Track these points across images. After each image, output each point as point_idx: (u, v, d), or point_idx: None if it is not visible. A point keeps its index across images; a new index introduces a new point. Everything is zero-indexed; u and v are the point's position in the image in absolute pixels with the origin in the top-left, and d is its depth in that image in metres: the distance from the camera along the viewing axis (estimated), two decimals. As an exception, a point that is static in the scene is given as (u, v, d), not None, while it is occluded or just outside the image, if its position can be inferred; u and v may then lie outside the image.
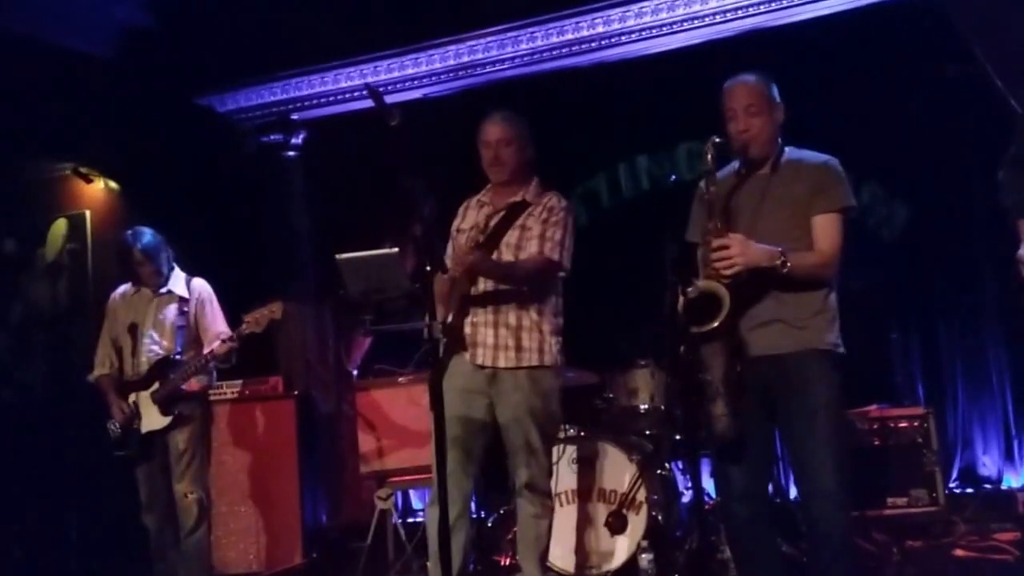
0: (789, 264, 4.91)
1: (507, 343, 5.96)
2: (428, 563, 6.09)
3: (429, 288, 5.26)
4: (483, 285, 6.03)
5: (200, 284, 7.92)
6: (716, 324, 4.82)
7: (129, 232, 7.84)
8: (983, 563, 7.19)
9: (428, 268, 5.16)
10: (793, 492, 7.40)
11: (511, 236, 6.05)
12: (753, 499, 5.20)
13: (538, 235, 5.99)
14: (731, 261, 4.87)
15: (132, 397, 7.62)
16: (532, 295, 6.01)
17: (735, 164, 5.34)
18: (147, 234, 7.81)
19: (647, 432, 7.70)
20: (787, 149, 5.29)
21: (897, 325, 9.30)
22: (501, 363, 5.96)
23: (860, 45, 8.95)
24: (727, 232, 5.01)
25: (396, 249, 5.74)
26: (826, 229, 5.10)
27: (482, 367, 6.00)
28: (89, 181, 11.14)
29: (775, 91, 5.29)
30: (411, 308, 6.02)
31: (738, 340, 4.98)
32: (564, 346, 6.15)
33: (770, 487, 7.82)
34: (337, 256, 6.05)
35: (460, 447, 5.96)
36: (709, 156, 5.11)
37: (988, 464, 8.95)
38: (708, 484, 6.47)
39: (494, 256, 6.01)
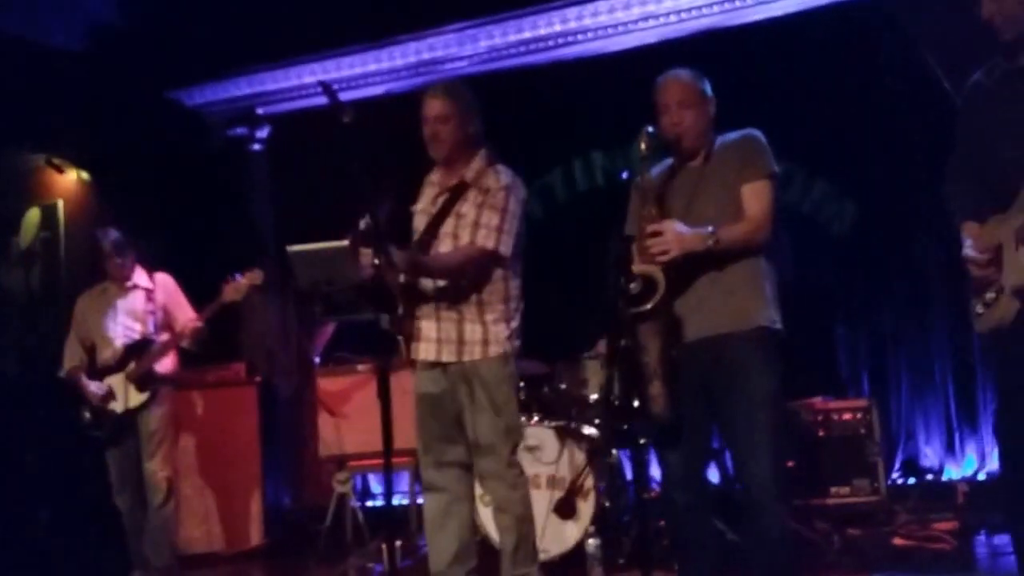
0: (720, 240, 4.88)
1: (449, 336, 5.71)
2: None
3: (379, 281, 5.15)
4: (425, 280, 5.74)
5: (164, 277, 8.15)
6: (651, 305, 4.79)
7: (100, 230, 8.06)
8: (920, 551, 7.18)
9: (376, 262, 5.04)
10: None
11: (448, 224, 5.74)
12: (691, 485, 5.16)
13: (471, 222, 5.68)
14: (664, 247, 4.83)
15: (106, 381, 7.81)
16: (472, 285, 5.73)
17: (669, 160, 5.28)
18: (114, 233, 8.00)
19: (596, 421, 7.62)
20: (717, 139, 5.25)
21: (844, 318, 9.34)
22: (444, 357, 5.71)
23: (811, 46, 8.94)
24: (661, 219, 4.97)
25: (347, 242, 5.61)
26: (754, 195, 5.04)
27: (429, 363, 5.78)
28: (61, 172, 11.06)
29: (707, 86, 5.22)
30: (360, 301, 5.93)
31: (674, 322, 4.95)
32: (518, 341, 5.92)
33: (718, 475, 7.91)
34: (288, 248, 5.97)
35: (438, 437, 5.83)
36: (643, 145, 5.05)
37: (930, 455, 8.97)
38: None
39: (433, 247, 5.73)
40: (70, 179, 11.12)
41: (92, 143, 10.66)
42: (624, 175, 5.35)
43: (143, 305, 7.93)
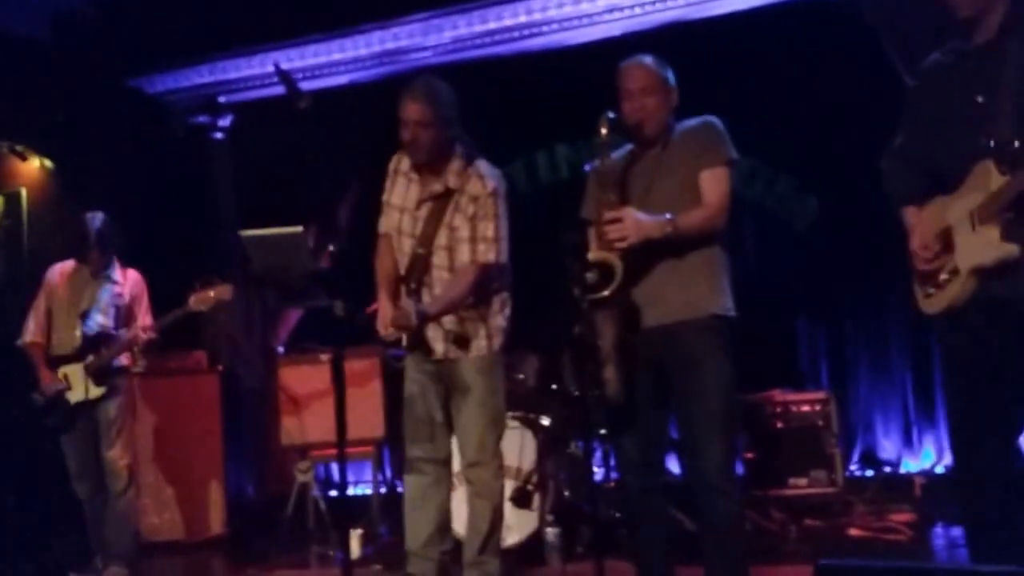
0: (678, 227, 4.94)
1: (455, 335, 5.81)
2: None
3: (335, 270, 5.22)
4: (426, 298, 5.84)
5: (135, 276, 8.10)
6: (607, 292, 4.86)
7: (89, 215, 7.93)
8: (875, 542, 7.29)
9: (330, 248, 5.10)
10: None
11: (441, 237, 5.81)
12: (646, 470, 5.23)
13: (467, 238, 5.77)
14: (622, 234, 4.89)
15: (63, 370, 7.79)
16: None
17: (629, 146, 5.35)
18: (104, 220, 7.93)
19: (556, 412, 7.69)
20: (676, 125, 5.31)
21: (805, 312, 9.44)
22: (451, 355, 5.85)
23: (776, 41, 8.97)
24: (620, 205, 5.03)
25: (301, 228, 5.65)
26: (712, 182, 5.12)
27: (434, 361, 5.89)
28: (24, 159, 10.97)
29: (669, 74, 5.29)
30: (315, 287, 5.96)
31: (631, 309, 5.02)
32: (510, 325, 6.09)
33: (680, 467, 7.93)
34: (242, 233, 5.97)
35: (423, 433, 5.95)
36: (603, 130, 5.10)
37: (888, 448, 9.08)
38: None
39: (429, 262, 5.82)
40: (33, 167, 11.06)
41: (55, 130, 10.58)
42: (587, 167, 5.41)
43: (109, 299, 7.90)
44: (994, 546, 4.49)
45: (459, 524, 6.47)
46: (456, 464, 6.26)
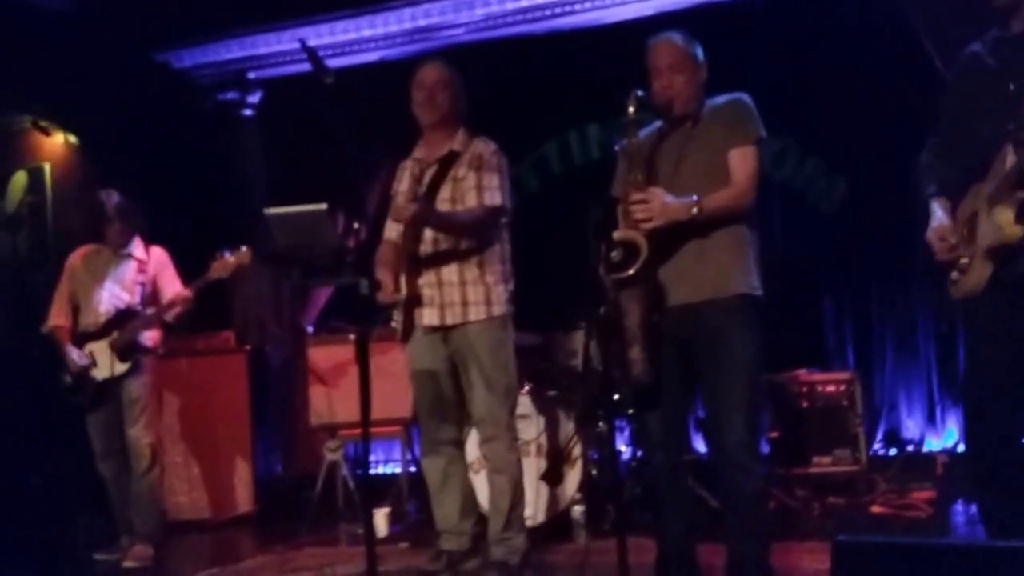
0: (704, 208, 5.09)
1: (452, 299, 6.11)
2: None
3: (364, 248, 5.56)
4: (426, 246, 6.15)
5: (159, 251, 8.33)
6: (632, 271, 5.01)
7: (103, 191, 8.18)
8: (896, 519, 7.53)
9: (355, 226, 5.44)
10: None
11: (445, 191, 6.16)
12: (670, 447, 5.42)
13: (474, 185, 6.13)
14: (648, 214, 5.06)
15: (88, 347, 8.02)
16: (473, 248, 6.14)
17: (658, 124, 5.50)
18: (118, 196, 8.17)
19: (584, 391, 7.87)
20: (706, 102, 5.45)
21: (831, 293, 9.76)
22: (448, 320, 6.13)
23: (808, 22, 9.17)
24: (647, 186, 5.19)
25: (325, 206, 6.00)
26: (740, 161, 5.24)
27: (432, 328, 6.18)
28: (48, 134, 11.31)
29: (698, 51, 5.42)
30: (339, 265, 6.21)
31: (656, 288, 5.18)
32: (513, 305, 6.35)
33: (703, 444, 8.28)
34: (265, 210, 6.27)
35: (435, 414, 6.35)
36: (631, 109, 5.24)
37: (911, 427, 9.43)
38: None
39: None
40: (57, 142, 11.38)
41: (79, 105, 10.76)
42: (617, 146, 5.53)
43: (133, 275, 8.13)
44: (1009, 522, 4.72)
45: (484, 499, 6.77)
46: (475, 445, 6.69)
